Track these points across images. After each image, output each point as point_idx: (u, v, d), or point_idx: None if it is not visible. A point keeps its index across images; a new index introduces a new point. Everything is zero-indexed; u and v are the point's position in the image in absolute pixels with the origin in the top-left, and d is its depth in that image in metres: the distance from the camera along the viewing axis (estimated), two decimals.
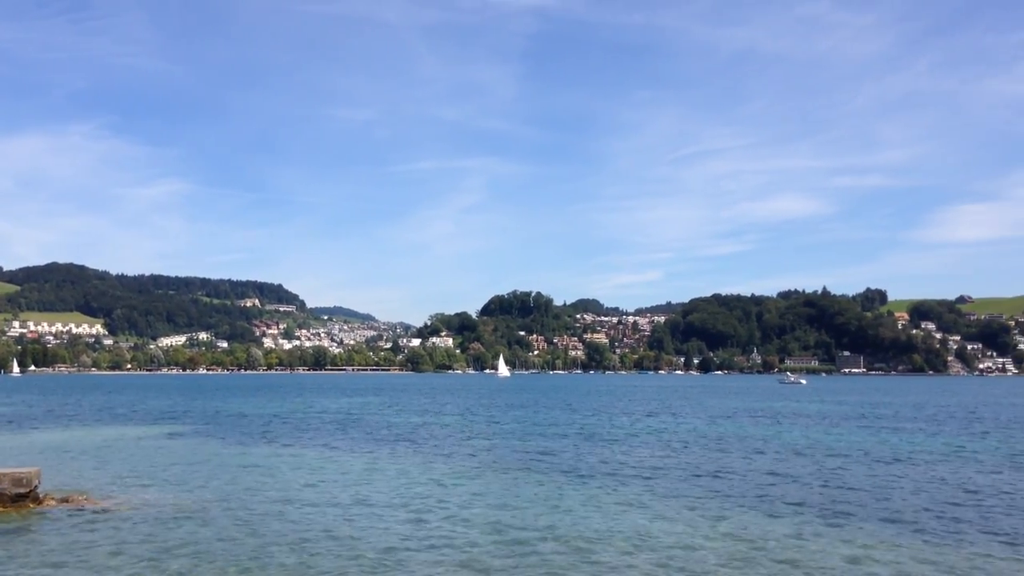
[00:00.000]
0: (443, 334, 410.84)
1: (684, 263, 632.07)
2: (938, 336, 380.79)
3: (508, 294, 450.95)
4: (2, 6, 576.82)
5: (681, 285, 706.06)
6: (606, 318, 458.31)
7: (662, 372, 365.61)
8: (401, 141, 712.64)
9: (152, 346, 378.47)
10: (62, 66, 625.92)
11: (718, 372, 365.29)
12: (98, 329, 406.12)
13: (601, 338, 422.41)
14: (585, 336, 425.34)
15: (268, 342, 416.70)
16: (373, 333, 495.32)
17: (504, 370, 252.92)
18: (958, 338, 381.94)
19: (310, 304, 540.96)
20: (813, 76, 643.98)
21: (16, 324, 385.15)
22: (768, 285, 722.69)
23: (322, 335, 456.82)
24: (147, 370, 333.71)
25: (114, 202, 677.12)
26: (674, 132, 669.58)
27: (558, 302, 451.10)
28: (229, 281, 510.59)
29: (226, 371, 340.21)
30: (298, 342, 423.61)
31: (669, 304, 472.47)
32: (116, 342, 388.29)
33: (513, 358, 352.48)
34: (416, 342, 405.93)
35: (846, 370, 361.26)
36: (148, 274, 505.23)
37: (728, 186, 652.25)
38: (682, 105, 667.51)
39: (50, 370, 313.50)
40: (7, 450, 37.10)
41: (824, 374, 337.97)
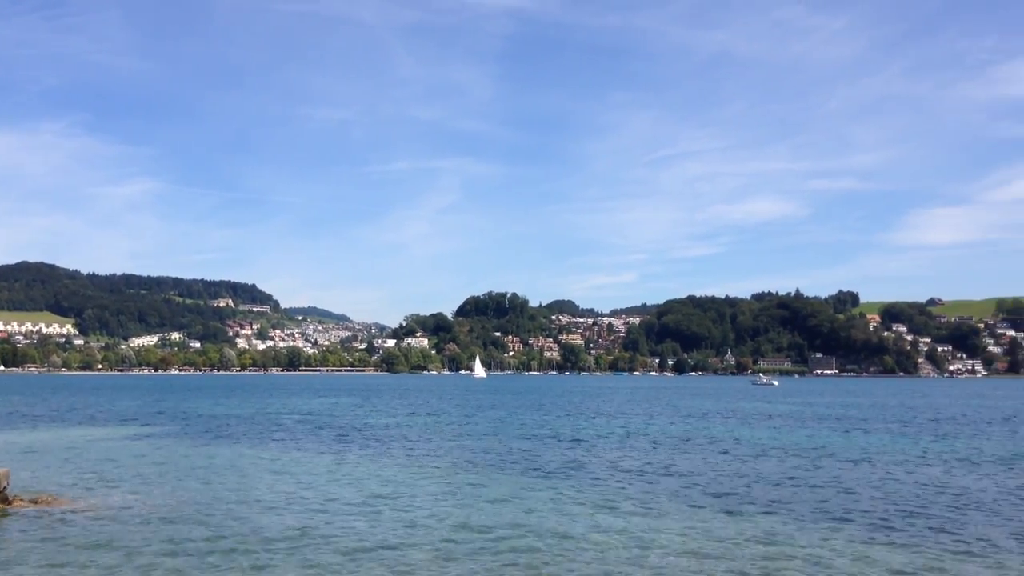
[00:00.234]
0: (418, 335, 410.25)
1: (659, 265, 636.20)
2: (909, 338, 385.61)
3: (484, 295, 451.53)
4: None
5: (656, 287, 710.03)
6: (581, 319, 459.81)
7: (637, 373, 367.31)
8: (377, 141, 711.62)
9: (123, 346, 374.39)
10: (35, 63, 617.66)
11: (692, 373, 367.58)
12: (69, 329, 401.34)
13: (576, 339, 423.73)
14: (560, 337, 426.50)
15: (241, 342, 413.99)
16: (348, 334, 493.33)
17: (480, 371, 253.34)
18: (929, 340, 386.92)
19: (284, 304, 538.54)
20: (788, 79, 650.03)
21: None
22: (742, 287, 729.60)
23: (296, 336, 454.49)
24: (118, 371, 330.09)
25: (86, 201, 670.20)
26: (650, 134, 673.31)
27: (533, 303, 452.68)
28: (202, 281, 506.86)
29: (199, 372, 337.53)
30: (272, 342, 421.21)
31: (644, 305, 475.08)
32: (87, 342, 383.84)
33: (488, 359, 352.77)
34: (391, 343, 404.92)
35: (818, 371, 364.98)
36: (120, 273, 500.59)
37: (703, 188, 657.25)
38: (658, 107, 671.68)
39: (19, 370, 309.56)
40: None
41: (797, 375, 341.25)
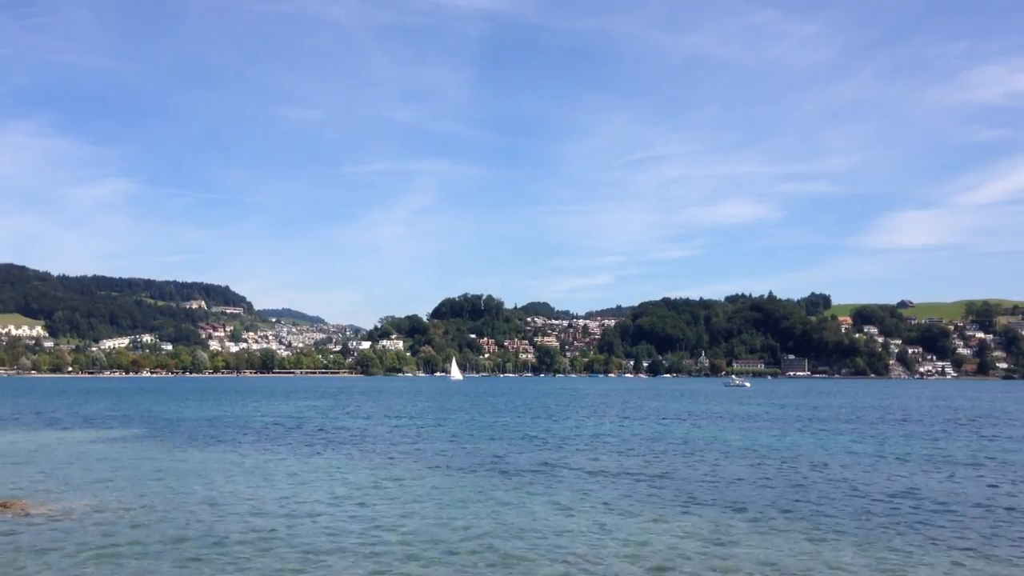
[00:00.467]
0: (393, 337, 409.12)
1: (634, 267, 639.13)
2: (880, 340, 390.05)
3: (459, 297, 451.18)
4: None
5: (631, 289, 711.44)
6: (557, 321, 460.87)
7: (612, 375, 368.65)
8: (352, 142, 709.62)
9: (94, 348, 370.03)
10: (5, 63, 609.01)
11: (667, 375, 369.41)
12: (38, 331, 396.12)
13: (552, 341, 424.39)
14: (536, 339, 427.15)
15: (214, 344, 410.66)
16: (322, 336, 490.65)
17: (457, 373, 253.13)
18: (899, 342, 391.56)
19: (258, 306, 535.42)
20: (761, 83, 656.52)
21: None
22: (716, 289, 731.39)
23: (270, 338, 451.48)
24: (89, 373, 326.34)
25: (57, 201, 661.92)
26: (625, 137, 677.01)
27: (509, 305, 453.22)
28: (174, 283, 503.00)
29: (171, 374, 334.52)
30: (245, 344, 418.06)
31: (619, 308, 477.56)
32: (57, 344, 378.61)
33: (464, 361, 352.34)
34: (366, 345, 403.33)
35: (791, 373, 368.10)
36: (91, 275, 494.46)
37: (678, 191, 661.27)
38: (633, 110, 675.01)
39: None
40: None
41: (770, 377, 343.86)
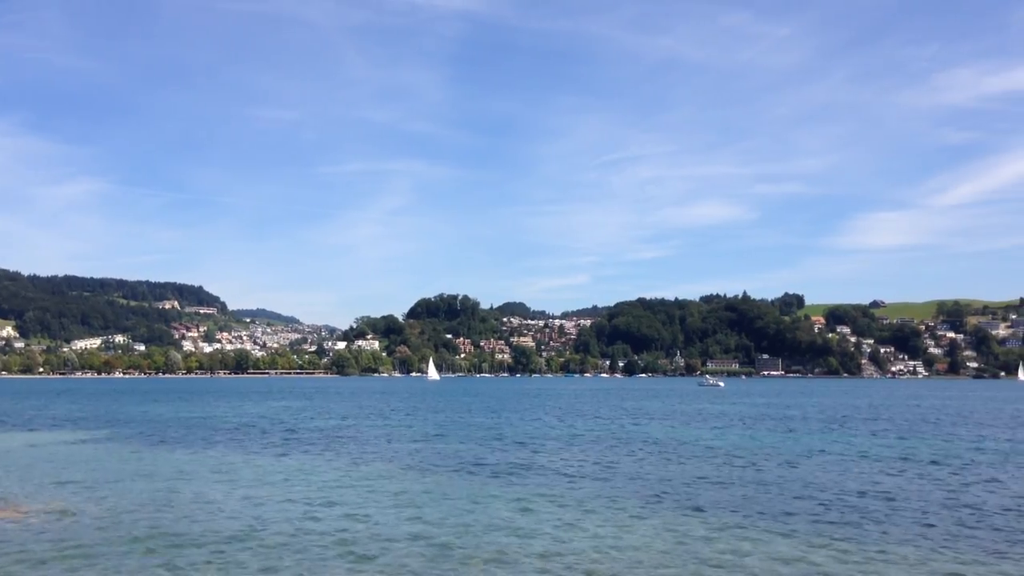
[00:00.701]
0: (369, 337, 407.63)
1: (610, 267, 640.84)
2: (853, 339, 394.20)
3: (435, 297, 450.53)
4: None
5: (607, 289, 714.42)
6: (532, 321, 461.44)
7: (588, 375, 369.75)
8: (327, 142, 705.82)
9: (65, 349, 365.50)
10: None
11: (642, 375, 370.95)
12: (9, 331, 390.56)
13: (527, 341, 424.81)
14: (512, 339, 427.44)
15: (188, 345, 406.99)
16: (297, 336, 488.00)
17: (434, 373, 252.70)
18: (872, 341, 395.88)
19: (232, 306, 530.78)
20: (735, 85, 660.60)
21: None
22: (691, 289, 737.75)
23: (244, 338, 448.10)
24: (60, 374, 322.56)
25: (27, 201, 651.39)
26: (601, 138, 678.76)
27: (485, 305, 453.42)
28: (147, 283, 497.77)
29: (143, 375, 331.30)
30: (219, 345, 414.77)
31: (595, 308, 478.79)
32: (28, 345, 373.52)
33: (440, 361, 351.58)
34: (341, 345, 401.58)
35: (765, 372, 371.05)
36: (62, 275, 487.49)
37: (653, 192, 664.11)
38: (608, 111, 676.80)
39: None
40: None
41: (744, 376, 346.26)
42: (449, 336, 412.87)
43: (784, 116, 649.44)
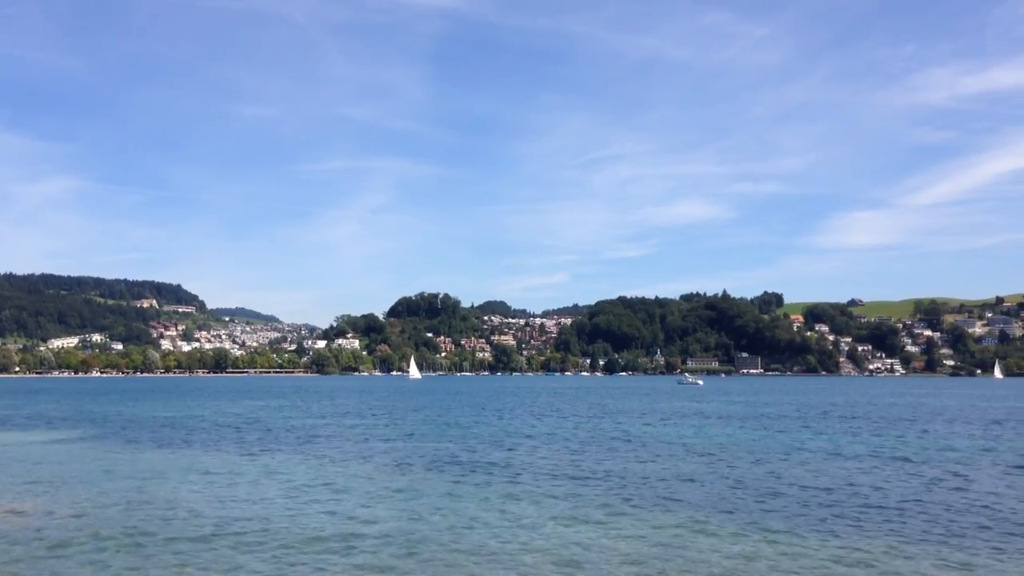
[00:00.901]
0: (349, 336, 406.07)
1: (590, 266, 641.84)
2: (831, 338, 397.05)
3: (416, 295, 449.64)
4: None
5: (587, 287, 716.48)
6: (513, 320, 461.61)
7: (568, 373, 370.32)
8: (307, 140, 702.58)
9: (42, 348, 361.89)
10: None
11: (623, 373, 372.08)
12: None
13: (508, 340, 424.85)
14: (492, 338, 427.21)
15: (166, 344, 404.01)
16: (277, 335, 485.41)
17: (416, 372, 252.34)
18: (850, 340, 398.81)
19: (211, 305, 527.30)
20: (715, 84, 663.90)
21: None
22: (671, 288, 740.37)
23: (223, 337, 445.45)
24: (37, 373, 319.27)
25: (4, 198, 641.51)
26: (581, 137, 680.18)
27: (466, 304, 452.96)
28: (125, 281, 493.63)
29: (121, 374, 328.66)
30: (198, 344, 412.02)
31: (575, 306, 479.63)
32: (4, 344, 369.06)
33: (420, 360, 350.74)
34: (321, 344, 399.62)
35: (744, 371, 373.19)
36: (39, 273, 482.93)
37: (633, 191, 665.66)
38: (589, 110, 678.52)
39: None
40: None
41: (724, 375, 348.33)
42: (430, 335, 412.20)
43: (763, 115, 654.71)
